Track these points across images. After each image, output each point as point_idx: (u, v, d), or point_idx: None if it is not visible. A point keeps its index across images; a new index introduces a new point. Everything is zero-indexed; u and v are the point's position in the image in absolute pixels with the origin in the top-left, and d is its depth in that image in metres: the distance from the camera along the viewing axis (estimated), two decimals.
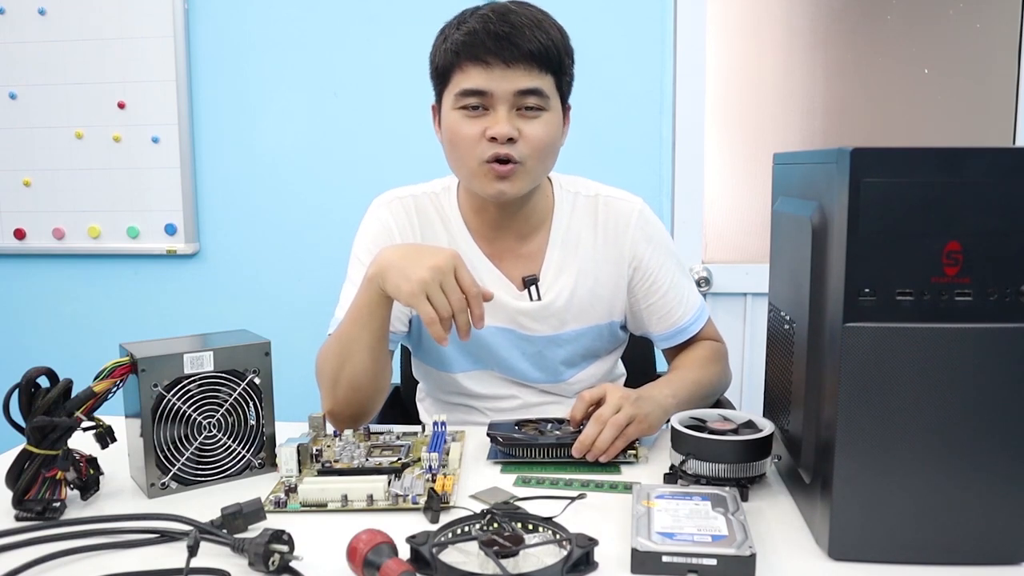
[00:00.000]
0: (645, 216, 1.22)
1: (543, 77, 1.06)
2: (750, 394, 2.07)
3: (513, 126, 1.05)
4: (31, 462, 0.83)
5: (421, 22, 1.19)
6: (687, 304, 1.24)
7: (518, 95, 1.05)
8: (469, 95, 1.06)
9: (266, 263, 2.22)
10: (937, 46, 2.00)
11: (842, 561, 0.72)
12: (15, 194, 2.26)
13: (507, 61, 1.03)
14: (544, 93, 1.07)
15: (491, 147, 1.06)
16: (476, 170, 1.09)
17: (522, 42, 1.03)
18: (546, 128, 1.08)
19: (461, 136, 1.08)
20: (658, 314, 1.23)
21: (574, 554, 0.68)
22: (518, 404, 1.24)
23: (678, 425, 0.89)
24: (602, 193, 1.23)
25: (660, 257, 1.21)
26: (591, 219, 1.21)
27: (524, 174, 1.09)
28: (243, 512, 0.78)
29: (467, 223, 1.20)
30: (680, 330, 1.24)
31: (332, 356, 1.06)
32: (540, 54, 1.04)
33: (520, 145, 1.07)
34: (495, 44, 1.03)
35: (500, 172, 1.07)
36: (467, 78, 1.06)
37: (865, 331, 0.69)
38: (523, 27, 1.04)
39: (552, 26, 1.08)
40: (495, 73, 1.04)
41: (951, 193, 0.67)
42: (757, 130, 2.07)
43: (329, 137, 2.15)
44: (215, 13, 2.14)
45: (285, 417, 1.01)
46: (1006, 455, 0.69)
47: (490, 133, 1.05)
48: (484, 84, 1.05)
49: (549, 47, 1.05)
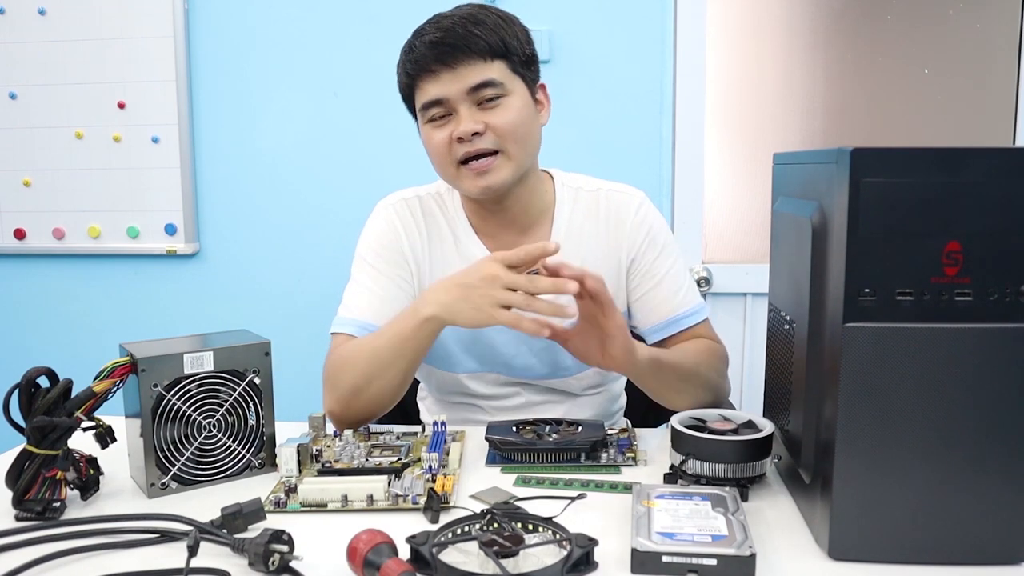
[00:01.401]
0: (645, 208, 1.22)
1: (491, 66, 1.08)
2: (750, 394, 2.07)
3: (476, 120, 1.07)
4: (31, 462, 0.83)
5: (421, 22, 1.19)
6: (682, 297, 1.20)
7: (471, 91, 1.07)
8: (430, 107, 1.09)
9: (266, 263, 2.22)
10: (937, 46, 2.00)
11: (842, 561, 0.72)
12: (15, 194, 2.26)
13: (449, 64, 1.06)
14: (496, 81, 1.08)
15: (462, 147, 1.08)
16: (456, 173, 1.11)
17: (456, 41, 1.06)
18: (511, 112, 1.09)
19: (434, 145, 1.11)
20: (649, 305, 1.20)
21: (574, 554, 0.68)
22: (521, 402, 1.24)
23: (678, 425, 0.89)
24: (603, 187, 1.23)
25: (656, 248, 1.20)
26: (593, 213, 1.21)
27: (505, 162, 1.10)
28: (243, 512, 0.78)
29: (471, 221, 1.20)
30: (672, 321, 1.19)
31: (358, 370, 1.05)
32: (480, 47, 1.06)
33: (489, 136, 1.08)
34: (434, 52, 1.06)
35: (478, 168, 1.09)
36: (423, 93, 1.09)
37: (865, 331, 0.69)
38: (454, 27, 1.07)
39: (488, 16, 1.09)
40: (443, 78, 1.07)
41: (951, 193, 0.67)
42: (757, 130, 2.07)
43: (329, 137, 2.15)
44: (215, 13, 2.14)
45: (285, 417, 1.01)
46: (1006, 455, 0.69)
47: (456, 134, 1.08)
48: (438, 92, 1.08)
49: (486, 35, 1.07)
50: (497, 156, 1.09)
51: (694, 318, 1.20)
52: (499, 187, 1.10)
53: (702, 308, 1.22)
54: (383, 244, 1.19)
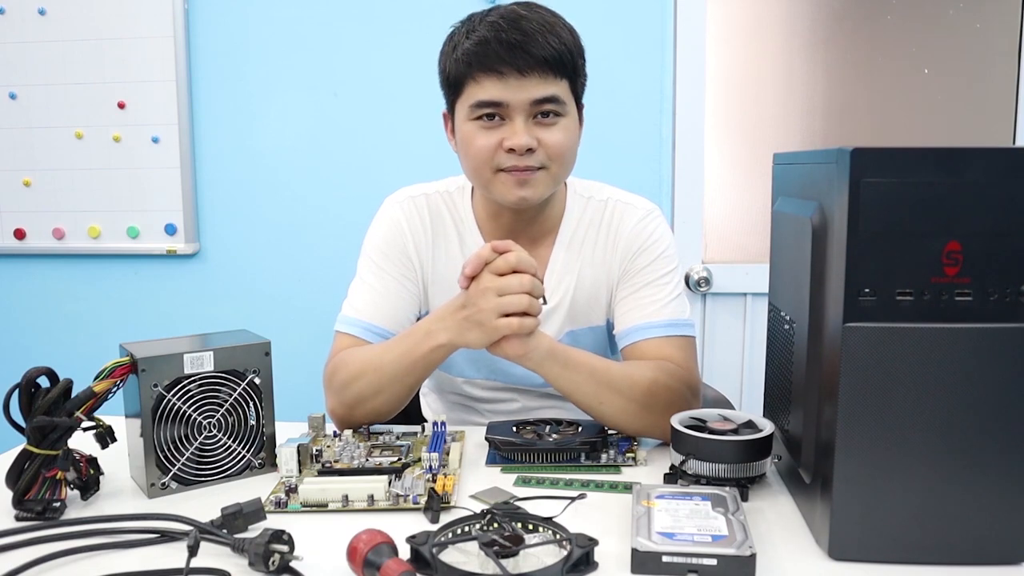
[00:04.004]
0: (647, 220, 1.18)
1: (558, 83, 1.04)
2: (750, 394, 2.07)
3: (532, 135, 1.04)
4: (31, 462, 0.83)
5: (422, 22, 1.19)
6: (659, 308, 1.12)
7: (534, 104, 1.03)
8: (484, 106, 1.04)
9: (266, 263, 2.22)
10: (937, 46, 2.00)
11: (842, 561, 0.72)
12: (15, 194, 2.26)
13: (521, 70, 1.01)
14: (560, 99, 1.05)
15: (509, 158, 1.05)
16: (492, 179, 1.08)
17: (536, 49, 1.01)
18: (565, 134, 1.07)
19: (477, 147, 1.06)
20: (623, 308, 1.14)
21: (574, 554, 0.68)
22: (517, 407, 1.25)
23: (678, 425, 0.89)
24: (614, 197, 1.20)
25: (648, 257, 1.16)
26: (597, 222, 1.19)
27: (547, 179, 1.08)
28: (243, 512, 0.78)
29: (480, 225, 1.19)
30: (638, 328, 1.11)
31: (364, 381, 1.04)
32: (555, 60, 1.02)
33: (540, 153, 1.05)
34: (508, 54, 1.00)
35: (520, 178, 1.06)
36: (481, 89, 1.03)
37: (865, 331, 0.69)
38: (535, 33, 1.01)
39: (564, 28, 1.06)
40: (510, 83, 1.02)
41: (951, 193, 0.67)
42: (757, 130, 2.07)
43: (329, 137, 2.15)
44: (215, 13, 2.14)
45: (285, 417, 1.01)
46: (1006, 455, 0.69)
47: (508, 144, 1.04)
48: (499, 95, 1.03)
49: (563, 52, 1.03)
50: (539, 171, 1.07)
51: (666, 330, 1.10)
52: (535, 201, 1.09)
53: (681, 324, 1.12)
54: (388, 243, 1.18)
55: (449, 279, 1.16)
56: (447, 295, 1.13)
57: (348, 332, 1.14)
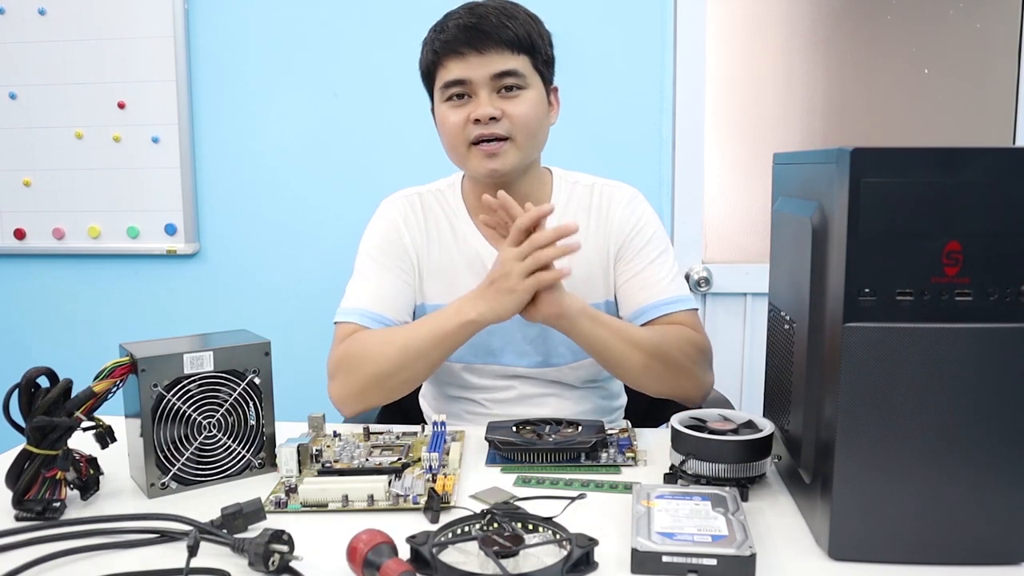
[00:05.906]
0: (635, 202, 1.26)
1: (517, 58, 1.14)
2: (750, 394, 2.07)
3: (495, 107, 1.13)
4: (31, 462, 0.83)
5: (421, 23, 1.20)
6: (664, 287, 1.20)
7: (495, 78, 1.13)
8: (451, 86, 1.14)
9: (266, 263, 2.22)
10: (937, 46, 2.00)
11: (842, 561, 0.72)
12: (15, 194, 2.26)
13: (479, 49, 1.11)
14: (520, 72, 1.14)
15: (476, 128, 1.13)
16: (466, 153, 1.16)
17: (490, 29, 1.11)
18: (527, 105, 1.15)
19: (450, 124, 1.15)
20: (630, 291, 1.21)
21: (574, 554, 0.68)
22: (515, 395, 1.26)
23: (678, 425, 0.89)
24: (598, 183, 1.29)
25: (643, 238, 1.23)
26: (585, 207, 1.25)
27: (513, 150, 1.15)
28: (243, 512, 0.78)
29: (471, 213, 1.25)
30: (650, 307, 1.19)
31: (386, 360, 1.09)
32: (510, 38, 1.12)
33: (504, 123, 1.14)
34: (465, 35, 1.12)
35: (488, 150, 1.14)
36: (447, 72, 1.14)
37: (865, 331, 0.69)
38: (489, 15, 1.12)
39: (520, 10, 1.16)
40: (471, 61, 1.12)
41: (951, 193, 0.67)
42: (757, 130, 2.07)
43: (329, 137, 2.15)
44: (215, 13, 2.14)
45: (285, 417, 1.01)
46: (1006, 455, 0.69)
47: (473, 116, 1.13)
48: (462, 73, 1.13)
49: (517, 29, 1.13)
50: (506, 143, 1.14)
51: (674, 306, 1.19)
52: (505, 171, 1.16)
53: (685, 299, 1.21)
54: (385, 239, 1.25)
55: (443, 267, 1.24)
56: (441, 283, 1.22)
57: (351, 321, 1.18)
